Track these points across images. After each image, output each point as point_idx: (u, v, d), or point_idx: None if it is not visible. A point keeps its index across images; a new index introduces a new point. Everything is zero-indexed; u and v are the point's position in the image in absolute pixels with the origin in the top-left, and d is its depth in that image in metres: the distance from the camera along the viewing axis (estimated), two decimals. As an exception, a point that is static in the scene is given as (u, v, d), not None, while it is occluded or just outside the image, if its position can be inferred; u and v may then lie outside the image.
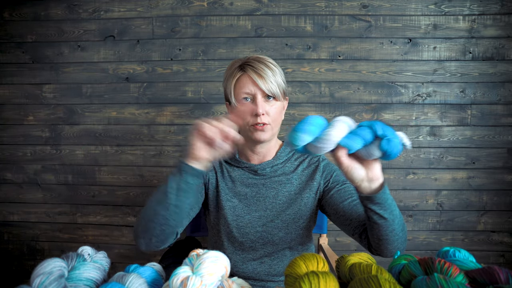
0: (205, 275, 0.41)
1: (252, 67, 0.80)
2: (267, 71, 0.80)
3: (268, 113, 0.80)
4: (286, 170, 0.90)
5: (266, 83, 0.79)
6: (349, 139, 0.55)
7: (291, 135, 0.55)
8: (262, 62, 0.81)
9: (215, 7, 1.52)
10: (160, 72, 1.55)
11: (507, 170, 1.51)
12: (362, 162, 0.60)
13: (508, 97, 1.49)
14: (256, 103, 0.79)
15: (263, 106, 0.79)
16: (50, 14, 1.55)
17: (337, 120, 0.56)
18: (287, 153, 0.91)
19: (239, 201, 0.88)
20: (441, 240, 1.55)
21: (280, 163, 0.90)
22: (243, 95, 0.81)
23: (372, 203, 0.63)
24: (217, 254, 0.45)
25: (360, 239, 0.77)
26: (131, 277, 0.43)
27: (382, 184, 0.62)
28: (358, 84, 1.52)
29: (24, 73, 1.58)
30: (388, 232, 0.65)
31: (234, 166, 0.90)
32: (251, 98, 0.81)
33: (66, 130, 1.59)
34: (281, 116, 0.85)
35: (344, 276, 0.47)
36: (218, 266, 0.43)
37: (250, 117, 0.81)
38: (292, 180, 0.89)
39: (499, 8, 1.47)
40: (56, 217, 1.62)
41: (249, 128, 0.82)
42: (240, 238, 0.88)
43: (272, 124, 0.82)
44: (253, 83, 0.80)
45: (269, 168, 0.89)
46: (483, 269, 0.38)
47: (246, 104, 0.81)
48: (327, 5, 1.50)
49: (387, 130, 0.53)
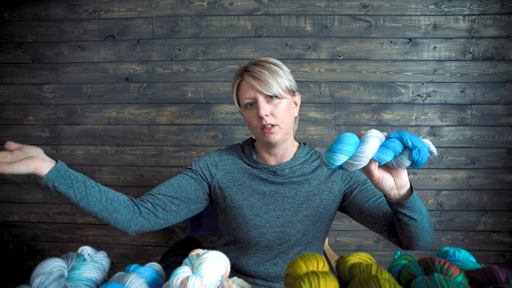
0: (205, 275, 0.41)
1: (249, 72, 0.80)
2: (264, 72, 0.79)
3: (273, 114, 0.80)
4: (305, 171, 0.89)
5: (264, 85, 0.78)
6: (381, 153, 0.57)
7: (328, 155, 0.57)
8: (259, 65, 0.81)
9: (215, 7, 1.52)
10: (160, 72, 1.55)
11: (507, 170, 1.51)
12: (390, 171, 0.62)
13: (508, 97, 1.49)
14: (257, 106, 0.79)
15: (264, 108, 0.79)
16: (50, 14, 1.55)
17: (369, 136, 0.57)
18: (305, 154, 0.90)
19: (257, 200, 0.87)
20: (441, 240, 1.55)
21: (299, 164, 0.89)
22: (246, 100, 0.82)
23: (403, 208, 0.66)
24: (217, 254, 0.45)
25: (389, 237, 0.80)
26: (131, 277, 0.43)
27: (411, 188, 0.65)
28: (358, 84, 1.52)
29: (24, 73, 1.58)
30: (418, 230, 0.70)
31: (253, 167, 0.90)
32: (253, 102, 0.81)
33: (66, 130, 1.59)
34: (289, 114, 0.84)
35: (344, 276, 0.47)
36: (218, 266, 0.43)
37: (256, 120, 0.81)
38: (311, 181, 0.88)
39: (499, 8, 1.47)
40: (56, 217, 1.62)
41: (259, 132, 0.82)
42: (258, 237, 0.86)
43: (281, 125, 0.81)
44: (251, 87, 0.80)
45: (288, 168, 0.88)
46: (483, 269, 0.38)
47: (251, 109, 0.82)
48: (327, 5, 1.50)
49: (416, 141, 0.56)
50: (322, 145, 1.54)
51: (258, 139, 0.86)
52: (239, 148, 0.94)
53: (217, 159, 0.91)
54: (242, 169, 0.90)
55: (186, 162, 1.56)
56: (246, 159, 0.90)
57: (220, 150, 0.94)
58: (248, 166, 0.90)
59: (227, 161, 0.91)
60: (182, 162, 1.57)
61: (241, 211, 0.86)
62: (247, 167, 0.90)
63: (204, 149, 1.56)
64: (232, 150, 0.94)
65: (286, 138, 0.86)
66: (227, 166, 0.90)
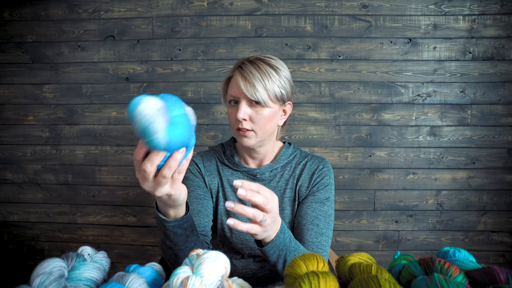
0: (205, 275, 0.41)
1: (241, 69, 0.75)
2: (255, 75, 0.73)
3: (252, 119, 0.76)
4: (285, 175, 0.85)
5: (249, 88, 0.73)
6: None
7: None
8: (254, 64, 0.75)
9: (215, 7, 1.52)
10: (160, 72, 1.55)
11: (507, 170, 1.51)
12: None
13: (508, 97, 1.49)
14: (238, 107, 0.76)
15: (244, 111, 0.74)
16: (50, 14, 1.55)
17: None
18: (288, 156, 0.87)
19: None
20: (441, 240, 1.55)
21: (280, 167, 0.86)
22: (229, 97, 0.78)
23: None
24: (217, 254, 0.44)
25: None
26: (131, 277, 0.43)
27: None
28: (358, 84, 1.52)
29: (24, 73, 1.58)
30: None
31: (233, 170, 0.87)
32: (235, 101, 0.78)
33: (66, 130, 1.59)
34: (270, 122, 0.78)
35: (344, 276, 0.47)
36: (218, 266, 0.43)
37: (234, 120, 0.77)
38: (292, 185, 0.85)
39: (499, 8, 1.47)
40: (56, 217, 1.62)
41: (235, 132, 0.79)
42: (240, 244, 0.85)
43: (258, 132, 0.77)
44: (237, 86, 0.75)
45: (268, 172, 0.85)
46: (483, 269, 0.38)
47: (233, 107, 0.78)
48: (327, 5, 1.50)
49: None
50: (322, 145, 1.54)
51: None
52: (220, 149, 0.91)
53: (200, 166, 0.88)
54: (223, 174, 0.87)
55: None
56: (227, 161, 0.88)
57: (201, 156, 0.91)
58: (229, 169, 0.87)
59: (210, 167, 0.89)
60: (182, 162, 1.56)
61: (224, 218, 0.85)
62: (228, 171, 0.87)
63: (204, 149, 1.56)
64: (213, 153, 0.91)
65: (263, 144, 0.82)
66: (211, 171, 0.88)
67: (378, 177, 1.54)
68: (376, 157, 1.54)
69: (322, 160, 0.87)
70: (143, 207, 1.60)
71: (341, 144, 1.53)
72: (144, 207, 1.60)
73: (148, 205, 1.59)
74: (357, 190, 1.55)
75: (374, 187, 1.55)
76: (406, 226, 1.55)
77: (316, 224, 0.78)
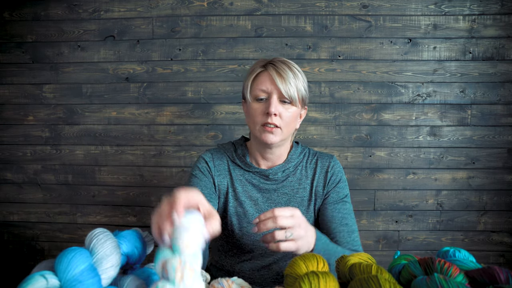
0: (182, 249, 0.39)
1: (274, 66, 0.78)
2: (288, 73, 0.76)
3: (281, 115, 0.77)
4: (298, 175, 0.86)
5: (285, 84, 0.76)
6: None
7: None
8: (285, 64, 0.79)
9: (215, 7, 1.52)
10: (160, 72, 1.55)
11: (507, 170, 1.51)
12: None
13: (508, 97, 1.49)
14: (269, 102, 0.76)
15: (276, 106, 0.76)
16: (50, 14, 1.55)
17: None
18: (298, 154, 0.87)
19: (250, 207, 0.85)
20: (441, 240, 1.55)
21: (292, 167, 0.86)
22: (259, 92, 0.78)
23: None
24: (189, 220, 0.42)
25: None
26: (128, 279, 0.43)
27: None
28: (358, 84, 1.52)
29: (24, 73, 1.58)
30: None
31: (245, 170, 0.87)
32: (266, 97, 0.78)
33: (66, 130, 1.59)
34: (294, 123, 0.82)
35: (344, 276, 0.47)
36: (192, 234, 0.40)
37: (261, 116, 0.78)
38: (305, 185, 0.85)
39: (499, 8, 1.47)
40: (56, 217, 1.62)
41: (258, 129, 0.79)
42: (251, 245, 0.84)
43: (284, 129, 0.78)
44: (271, 82, 0.77)
45: (281, 172, 0.85)
46: (483, 269, 0.38)
47: (260, 103, 0.79)
48: (327, 5, 1.50)
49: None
50: (322, 145, 1.53)
51: (255, 137, 0.83)
52: (231, 147, 0.90)
53: (210, 165, 0.87)
54: (234, 174, 0.87)
55: (186, 162, 1.56)
56: (238, 161, 0.87)
57: (211, 153, 0.90)
58: (240, 169, 0.87)
59: (220, 166, 0.88)
60: (182, 162, 1.57)
61: (234, 219, 0.85)
62: (239, 171, 0.87)
63: (204, 149, 1.56)
64: (224, 151, 0.90)
65: (282, 144, 0.83)
66: (221, 171, 0.87)
67: (378, 177, 1.54)
68: (376, 157, 1.54)
69: (331, 156, 0.89)
70: (143, 207, 1.60)
71: (341, 144, 1.53)
72: (144, 207, 1.60)
73: (148, 205, 1.59)
74: (357, 190, 1.55)
75: (374, 187, 1.55)
76: (406, 226, 1.55)
77: (345, 224, 0.81)
